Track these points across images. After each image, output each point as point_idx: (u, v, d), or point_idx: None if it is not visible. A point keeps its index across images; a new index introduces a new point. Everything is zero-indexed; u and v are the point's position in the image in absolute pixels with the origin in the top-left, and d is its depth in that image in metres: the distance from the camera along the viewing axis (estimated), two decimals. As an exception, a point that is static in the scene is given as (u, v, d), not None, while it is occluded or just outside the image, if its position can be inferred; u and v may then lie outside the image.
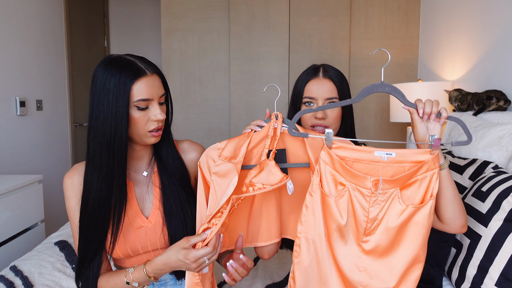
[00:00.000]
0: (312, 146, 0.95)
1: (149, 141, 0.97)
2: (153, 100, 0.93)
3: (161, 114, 0.94)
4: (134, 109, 0.91)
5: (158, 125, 0.96)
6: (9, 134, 2.34)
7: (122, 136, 0.91)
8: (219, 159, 0.96)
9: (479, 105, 1.72)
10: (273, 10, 2.74)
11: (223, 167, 0.96)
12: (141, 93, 0.91)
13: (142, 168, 1.06)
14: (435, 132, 0.86)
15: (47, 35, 2.73)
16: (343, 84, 1.13)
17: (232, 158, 0.96)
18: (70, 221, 1.03)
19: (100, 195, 0.94)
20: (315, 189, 0.87)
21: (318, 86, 1.12)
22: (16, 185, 1.83)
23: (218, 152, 0.97)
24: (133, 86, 0.90)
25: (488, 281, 1.03)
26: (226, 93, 2.85)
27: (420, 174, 0.83)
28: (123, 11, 3.83)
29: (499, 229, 1.06)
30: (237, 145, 0.98)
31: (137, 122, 0.93)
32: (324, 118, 1.10)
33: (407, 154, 0.84)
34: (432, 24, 2.56)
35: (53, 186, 2.81)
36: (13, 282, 1.27)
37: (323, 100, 1.11)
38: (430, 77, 2.54)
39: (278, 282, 1.35)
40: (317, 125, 1.10)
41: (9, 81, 2.33)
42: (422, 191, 0.83)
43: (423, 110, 0.85)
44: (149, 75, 0.92)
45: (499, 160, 1.40)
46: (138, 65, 0.92)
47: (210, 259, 0.85)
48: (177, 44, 2.83)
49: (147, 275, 0.93)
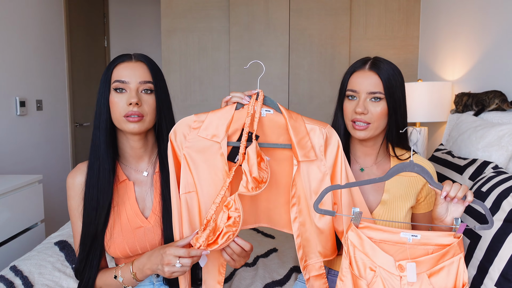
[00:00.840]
0: (295, 128, 0.93)
1: (127, 127, 0.95)
2: (129, 84, 0.95)
3: (133, 98, 0.93)
4: (112, 92, 0.95)
5: (132, 110, 0.94)
6: (9, 134, 2.34)
7: (106, 115, 0.96)
8: (198, 135, 0.92)
9: (479, 106, 1.72)
10: (273, 10, 2.74)
11: (201, 143, 0.93)
12: (118, 75, 0.95)
13: (143, 168, 1.06)
14: (456, 214, 0.87)
15: (47, 35, 2.73)
16: (392, 80, 1.01)
17: (215, 136, 0.93)
18: (71, 221, 1.04)
19: (98, 190, 0.98)
20: (346, 273, 0.85)
21: (361, 78, 1.03)
22: (16, 185, 1.83)
23: (194, 124, 0.93)
24: (114, 70, 0.96)
25: (488, 281, 1.03)
26: (226, 93, 2.85)
27: (447, 259, 0.82)
28: (123, 11, 3.82)
29: (499, 229, 1.06)
30: (219, 121, 0.93)
31: (113, 106, 0.95)
32: (364, 113, 1.01)
33: (432, 237, 0.83)
34: (432, 24, 2.56)
35: (53, 186, 2.81)
36: (13, 282, 1.27)
37: (366, 94, 1.01)
38: (430, 77, 2.54)
39: (278, 280, 1.35)
40: (357, 120, 1.02)
41: (9, 81, 2.33)
42: (452, 278, 0.82)
43: (446, 193, 0.85)
44: (133, 61, 0.97)
45: (499, 160, 1.40)
46: (126, 55, 0.98)
47: (183, 264, 0.84)
48: (177, 44, 2.83)
49: (132, 270, 0.95)
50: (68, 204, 1.03)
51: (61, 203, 2.93)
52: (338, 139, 0.97)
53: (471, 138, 1.57)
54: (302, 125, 0.95)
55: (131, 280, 0.96)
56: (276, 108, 0.96)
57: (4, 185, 1.78)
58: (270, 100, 0.96)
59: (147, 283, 1.07)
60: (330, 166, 0.96)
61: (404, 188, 1.06)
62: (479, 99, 1.73)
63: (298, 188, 0.96)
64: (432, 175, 0.87)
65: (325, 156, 0.96)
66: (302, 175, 0.96)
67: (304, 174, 0.96)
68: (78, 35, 3.23)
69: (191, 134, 0.93)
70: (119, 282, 0.98)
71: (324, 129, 0.96)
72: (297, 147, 0.93)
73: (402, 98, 1.04)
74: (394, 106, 1.01)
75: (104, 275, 1.01)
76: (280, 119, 0.96)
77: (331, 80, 2.73)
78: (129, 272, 0.96)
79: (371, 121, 1.01)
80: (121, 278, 0.97)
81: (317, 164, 0.96)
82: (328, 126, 0.98)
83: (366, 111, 1.01)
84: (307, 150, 0.94)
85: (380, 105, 1.01)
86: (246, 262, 1.49)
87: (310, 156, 0.94)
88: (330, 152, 0.97)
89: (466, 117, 1.76)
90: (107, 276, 1.00)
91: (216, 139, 0.92)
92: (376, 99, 1.01)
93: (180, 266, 0.84)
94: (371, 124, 1.02)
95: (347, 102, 1.06)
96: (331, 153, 0.97)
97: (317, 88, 2.75)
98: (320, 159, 0.96)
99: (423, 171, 0.86)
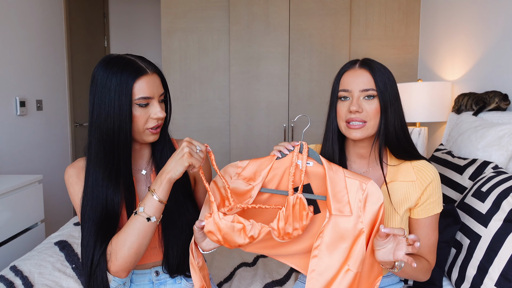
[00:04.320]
0: (332, 180, 0.91)
1: (148, 139, 0.98)
2: (153, 99, 0.95)
3: (161, 112, 0.96)
4: (135, 107, 0.93)
5: (158, 123, 0.97)
6: (9, 134, 2.34)
7: (126, 133, 0.93)
8: (238, 178, 0.97)
9: (479, 104, 1.72)
10: (273, 10, 2.74)
11: (240, 185, 0.97)
12: (142, 91, 0.92)
13: (141, 166, 1.07)
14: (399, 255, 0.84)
15: (47, 35, 2.73)
16: (383, 76, 0.99)
17: (251, 180, 0.96)
18: (76, 209, 1.01)
19: (107, 191, 0.94)
20: None
21: (353, 77, 1.01)
22: (16, 185, 1.83)
23: (238, 170, 0.98)
24: (134, 84, 0.91)
25: (488, 282, 1.03)
26: (226, 93, 2.85)
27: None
28: (123, 11, 3.83)
29: (499, 229, 1.06)
30: (258, 168, 0.97)
31: (137, 120, 0.94)
32: (359, 111, 0.98)
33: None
34: (432, 24, 2.56)
35: (53, 186, 2.81)
36: (13, 282, 1.27)
37: (359, 92, 0.99)
38: (430, 77, 2.54)
39: (278, 280, 1.35)
40: (352, 120, 1.00)
41: (9, 81, 2.33)
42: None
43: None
44: (150, 74, 0.94)
45: (499, 160, 1.40)
46: (138, 64, 0.94)
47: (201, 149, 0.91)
48: (177, 44, 2.83)
49: (149, 189, 0.91)
50: (70, 190, 1.00)
51: (61, 203, 2.94)
52: (380, 196, 0.91)
53: (471, 138, 1.57)
54: (341, 177, 0.92)
55: (153, 202, 0.90)
56: (317, 160, 0.96)
57: (4, 185, 1.78)
58: (312, 152, 0.96)
59: (147, 282, 1.07)
60: (368, 224, 0.90)
61: (402, 194, 1.02)
62: (479, 98, 1.73)
63: (325, 240, 0.91)
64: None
65: (364, 212, 0.90)
66: (333, 229, 0.91)
67: (336, 228, 0.91)
68: (78, 35, 3.23)
69: (235, 178, 0.98)
70: (141, 214, 0.90)
71: (365, 184, 0.91)
72: (332, 200, 0.90)
73: (394, 97, 1.01)
74: (386, 104, 0.99)
75: (119, 232, 0.93)
76: (320, 170, 0.96)
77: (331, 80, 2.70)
78: (149, 195, 0.90)
79: (367, 119, 0.99)
80: (141, 208, 0.90)
81: (352, 221, 0.90)
82: (370, 182, 0.92)
83: (360, 109, 0.99)
84: (342, 204, 0.90)
85: (374, 102, 0.99)
86: (246, 262, 1.49)
87: (344, 211, 0.90)
88: (369, 208, 0.90)
89: (466, 117, 1.76)
90: (124, 229, 0.92)
91: (251, 183, 0.97)
92: (369, 96, 0.99)
93: (199, 150, 0.90)
94: (367, 123, 0.99)
95: (340, 104, 1.04)
96: (371, 210, 0.90)
97: (317, 88, 2.75)
98: (357, 215, 0.90)
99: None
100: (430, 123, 2.50)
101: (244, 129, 2.82)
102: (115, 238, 0.93)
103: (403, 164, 1.04)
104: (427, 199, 1.01)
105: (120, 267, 0.92)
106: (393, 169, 1.04)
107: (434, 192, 1.01)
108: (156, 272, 1.07)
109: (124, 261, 0.91)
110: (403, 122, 1.04)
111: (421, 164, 1.03)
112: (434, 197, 1.01)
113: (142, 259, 1.04)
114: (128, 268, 0.93)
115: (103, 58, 0.95)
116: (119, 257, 0.91)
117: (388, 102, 0.99)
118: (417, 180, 1.01)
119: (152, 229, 0.92)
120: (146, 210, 0.90)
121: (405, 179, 1.02)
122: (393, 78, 1.02)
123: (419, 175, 1.01)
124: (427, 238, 1.03)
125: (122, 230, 0.93)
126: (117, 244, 0.91)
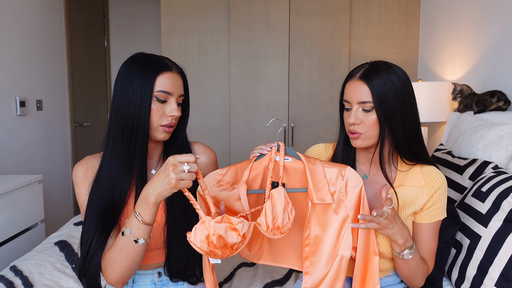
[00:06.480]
0: (312, 171, 0.94)
1: (159, 136, 0.99)
2: (172, 96, 0.97)
3: (176, 111, 0.97)
4: (153, 99, 0.95)
5: (172, 121, 0.98)
6: (9, 134, 2.34)
7: (145, 122, 0.94)
8: (220, 185, 0.97)
9: (480, 106, 1.72)
10: (273, 10, 2.74)
11: (223, 192, 0.98)
12: (163, 85, 0.95)
13: (151, 166, 1.07)
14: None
15: (47, 35, 2.73)
16: (384, 87, 0.96)
17: (234, 183, 0.98)
18: (80, 209, 1.02)
19: (118, 177, 0.96)
20: None
21: (352, 88, 1.01)
22: (16, 185, 1.83)
23: (218, 177, 0.98)
24: (157, 77, 0.94)
25: (488, 282, 1.03)
26: (226, 93, 2.85)
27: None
28: (123, 11, 3.83)
29: (499, 229, 1.06)
30: (239, 170, 0.98)
31: (152, 114, 0.95)
32: (356, 123, 0.99)
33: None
34: (432, 24, 2.56)
35: (53, 186, 2.81)
36: (13, 282, 1.27)
37: (357, 104, 0.99)
38: (430, 77, 2.54)
39: (277, 280, 1.35)
40: (351, 131, 1.02)
41: (9, 81, 2.33)
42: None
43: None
44: (174, 72, 0.98)
45: (499, 160, 1.40)
46: (165, 61, 0.98)
47: (191, 168, 0.80)
48: (177, 44, 2.83)
49: (135, 211, 0.86)
50: (77, 191, 1.01)
51: (61, 203, 2.94)
52: (359, 180, 0.95)
53: (471, 138, 1.57)
54: (320, 168, 0.95)
55: (139, 225, 0.86)
56: (295, 156, 0.98)
57: (4, 185, 1.78)
58: (289, 150, 0.99)
59: (149, 283, 1.07)
60: (352, 207, 0.95)
61: (410, 198, 1.03)
62: (479, 99, 1.73)
63: (313, 230, 0.96)
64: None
65: (347, 196, 0.95)
66: (318, 217, 0.96)
67: (320, 217, 0.95)
68: (78, 35, 3.23)
69: (216, 187, 0.98)
70: (128, 236, 0.87)
71: (343, 170, 0.95)
72: (313, 190, 0.93)
73: (402, 103, 0.98)
74: (387, 115, 0.97)
75: (111, 247, 0.92)
76: (300, 166, 0.98)
77: (331, 80, 2.73)
78: (134, 217, 0.86)
79: (363, 131, 0.99)
80: (128, 230, 0.87)
81: (336, 208, 0.95)
82: (348, 168, 0.95)
83: (358, 121, 0.99)
84: (323, 193, 0.94)
85: (372, 114, 0.98)
86: (246, 262, 1.49)
87: (326, 199, 0.94)
88: (351, 193, 0.95)
89: (466, 117, 1.76)
90: (114, 243, 0.91)
91: (235, 186, 0.98)
92: (367, 109, 0.98)
93: (188, 169, 0.80)
94: (363, 134, 1.00)
95: (344, 113, 1.06)
96: (353, 194, 0.95)
97: (317, 88, 2.75)
98: (340, 201, 0.95)
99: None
100: (430, 123, 2.50)
101: (244, 129, 2.82)
102: (107, 254, 0.92)
103: (413, 169, 1.05)
104: (432, 205, 1.02)
105: (114, 280, 0.93)
106: (403, 174, 1.05)
107: (440, 198, 1.02)
108: (158, 273, 1.07)
109: (117, 276, 0.92)
110: (415, 127, 1.01)
111: (430, 170, 1.04)
112: (439, 204, 1.02)
113: (145, 260, 1.04)
114: (123, 281, 0.94)
115: (132, 55, 1.00)
116: (112, 272, 0.92)
117: (390, 112, 0.97)
118: (426, 186, 1.02)
119: (142, 249, 0.90)
120: (133, 232, 0.87)
121: (414, 184, 1.03)
122: (402, 83, 0.98)
123: (428, 181, 1.02)
124: (428, 244, 1.04)
125: (112, 247, 0.91)
126: (109, 262, 0.91)
